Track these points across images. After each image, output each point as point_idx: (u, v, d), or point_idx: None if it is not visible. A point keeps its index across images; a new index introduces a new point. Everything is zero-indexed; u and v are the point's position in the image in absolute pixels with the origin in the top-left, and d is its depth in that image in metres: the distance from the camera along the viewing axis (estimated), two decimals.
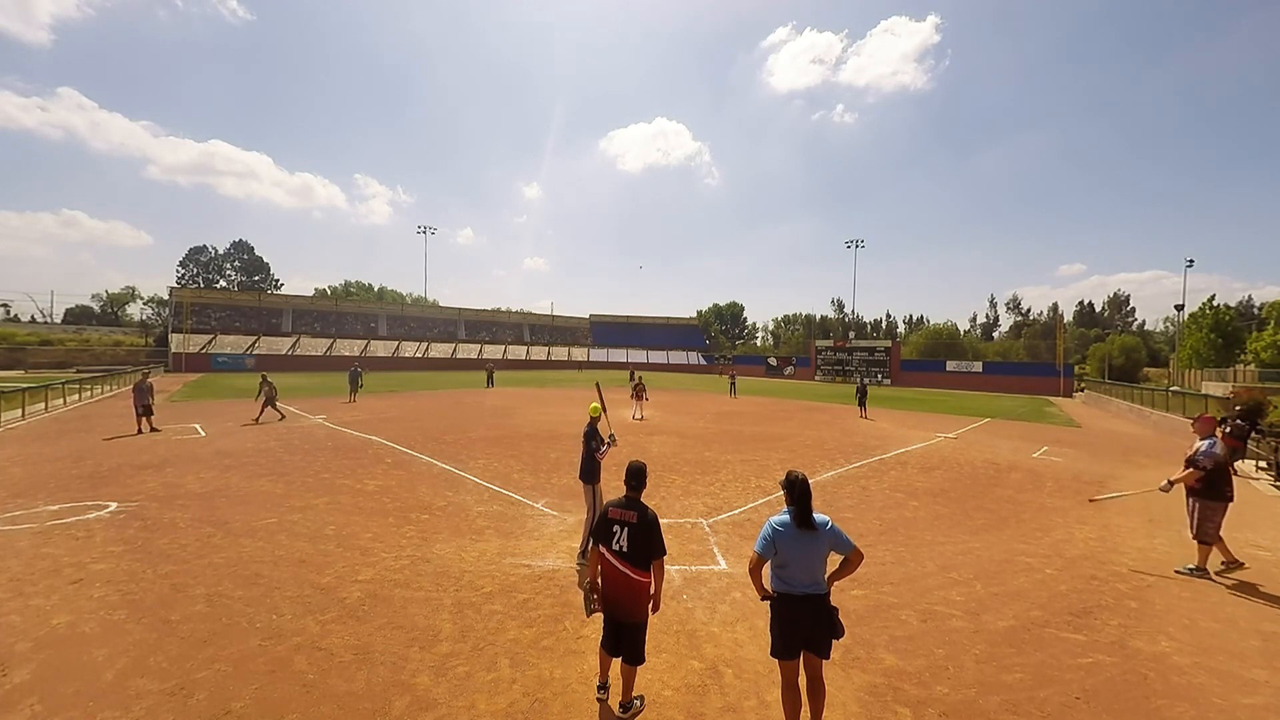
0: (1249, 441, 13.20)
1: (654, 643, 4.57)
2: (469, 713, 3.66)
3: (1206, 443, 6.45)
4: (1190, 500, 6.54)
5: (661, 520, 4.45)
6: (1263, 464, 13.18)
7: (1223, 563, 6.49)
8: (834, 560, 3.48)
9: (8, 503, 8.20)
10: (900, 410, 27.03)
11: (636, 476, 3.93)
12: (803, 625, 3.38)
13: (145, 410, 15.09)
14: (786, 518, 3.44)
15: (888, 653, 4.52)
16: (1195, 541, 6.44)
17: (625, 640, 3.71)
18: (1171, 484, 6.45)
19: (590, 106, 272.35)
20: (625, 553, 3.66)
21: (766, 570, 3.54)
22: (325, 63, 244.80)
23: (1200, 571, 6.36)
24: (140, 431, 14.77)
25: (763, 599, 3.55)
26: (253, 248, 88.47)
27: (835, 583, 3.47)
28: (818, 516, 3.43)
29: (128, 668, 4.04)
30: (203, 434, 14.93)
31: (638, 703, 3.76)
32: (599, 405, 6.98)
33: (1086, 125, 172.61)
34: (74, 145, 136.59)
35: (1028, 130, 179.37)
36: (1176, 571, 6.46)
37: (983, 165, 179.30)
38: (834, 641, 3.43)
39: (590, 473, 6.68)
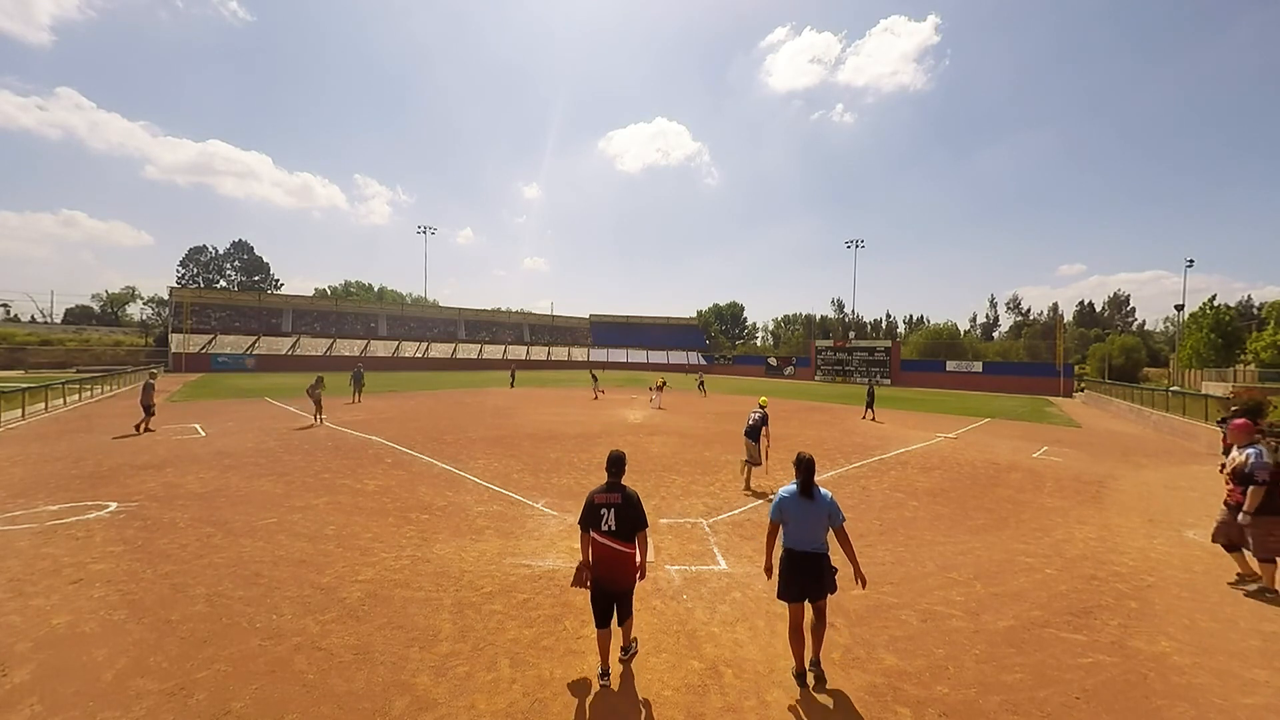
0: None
1: (654, 642, 4.58)
2: (469, 713, 3.66)
3: (1253, 452, 5.74)
4: (1231, 513, 5.92)
5: (661, 520, 4.71)
6: None
7: (1238, 574, 6.12)
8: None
9: (8, 503, 8.19)
10: (900, 410, 27.01)
11: (616, 464, 4.24)
12: (802, 576, 4.01)
13: (146, 410, 15.17)
14: (794, 488, 4.11)
15: (888, 653, 4.52)
16: (1260, 562, 5.80)
17: (619, 607, 4.13)
18: (1250, 514, 5.71)
19: (590, 107, 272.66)
20: (614, 531, 4.03)
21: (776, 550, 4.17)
22: (325, 63, 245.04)
23: (1273, 593, 5.77)
24: (138, 431, 14.82)
25: (765, 569, 4.26)
26: (252, 248, 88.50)
27: (855, 560, 4.02)
28: (823, 492, 4.08)
29: (128, 668, 4.03)
30: (203, 434, 14.92)
31: (634, 644, 4.39)
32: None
33: (1086, 125, 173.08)
34: (73, 145, 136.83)
35: (1027, 130, 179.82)
36: (1245, 593, 5.88)
37: (982, 165, 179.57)
38: (827, 595, 4.06)
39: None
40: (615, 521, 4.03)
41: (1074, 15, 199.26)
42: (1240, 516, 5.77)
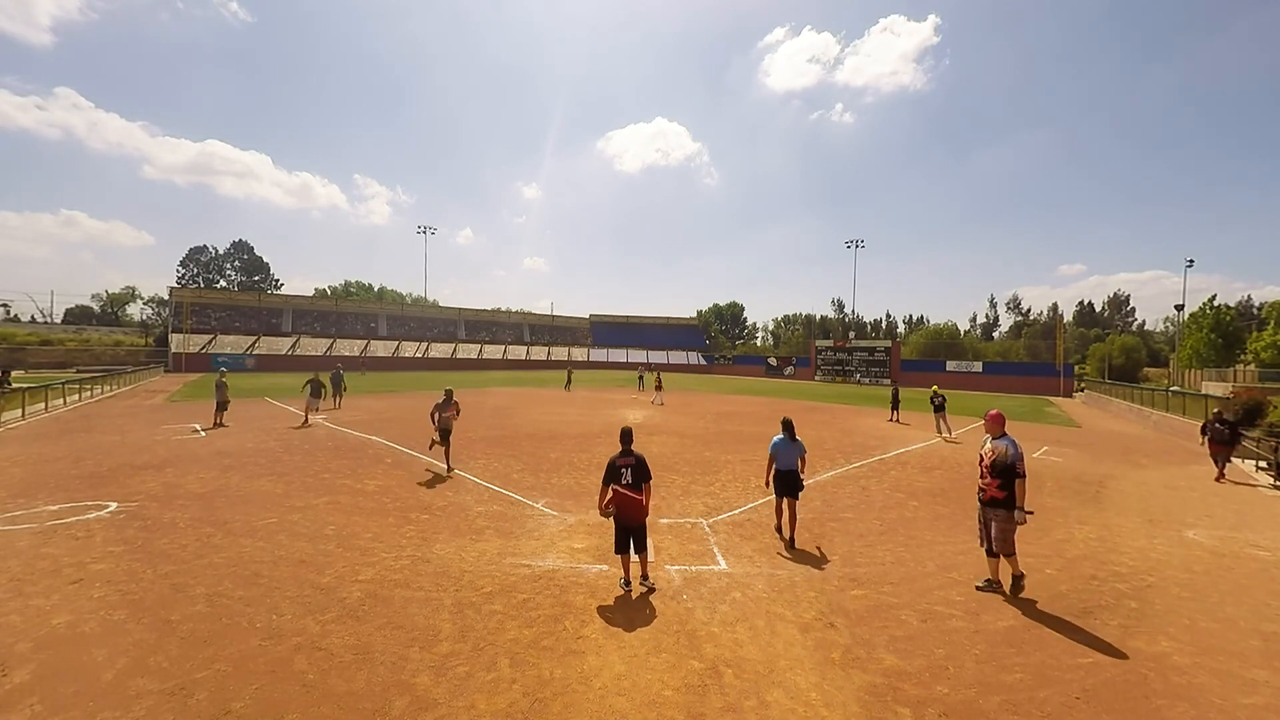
0: (1239, 444, 12.74)
1: (654, 642, 4.59)
2: (469, 713, 3.65)
3: (1009, 443, 5.63)
4: (989, 511, 5.68)
5: (661, 520, 5.18)
6: (1263, 464, 13.16)
7: (988, 580, 5.81)
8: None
9: (8, 503, 8.19)
10: (900, 410, 26.95)
11: (627, 437, 5.92)
12: (784, 483, 7.12)
13: (220, 405, 16.55)
14: (782, 436, 7.27)
15: (888, 653, 4.52)
16: (1000, 556, 5.66)
17: (636, 539, 5.57)
18: (1026, 513, 5.57)
19: (589, 107, 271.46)
20: (630, 484, 5.57)
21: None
22: (325, 63, 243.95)
23: (997, 584, 5.76)
24: (216, 425, 16.16)
25: (765, 484, 7.39)
26: (252, 248, 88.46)
27: (803, 472, 7.26)
28: (798, 438, 7.31)
29: (128, 668, 4.03)
30: (203, 434, 14.93)
31: (651, 579, 5.69)
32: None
33: (1086, 124, 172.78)
34: (73, 145, 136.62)
35: (1027, 130, 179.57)
36: (977, 588, 5.76)
37: (982, 165, 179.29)
38: (799, 494, 7.14)
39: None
40: (631, 477, 5.58)
41: (1073, 15, 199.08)
42: (1017, 514, 5.49)
